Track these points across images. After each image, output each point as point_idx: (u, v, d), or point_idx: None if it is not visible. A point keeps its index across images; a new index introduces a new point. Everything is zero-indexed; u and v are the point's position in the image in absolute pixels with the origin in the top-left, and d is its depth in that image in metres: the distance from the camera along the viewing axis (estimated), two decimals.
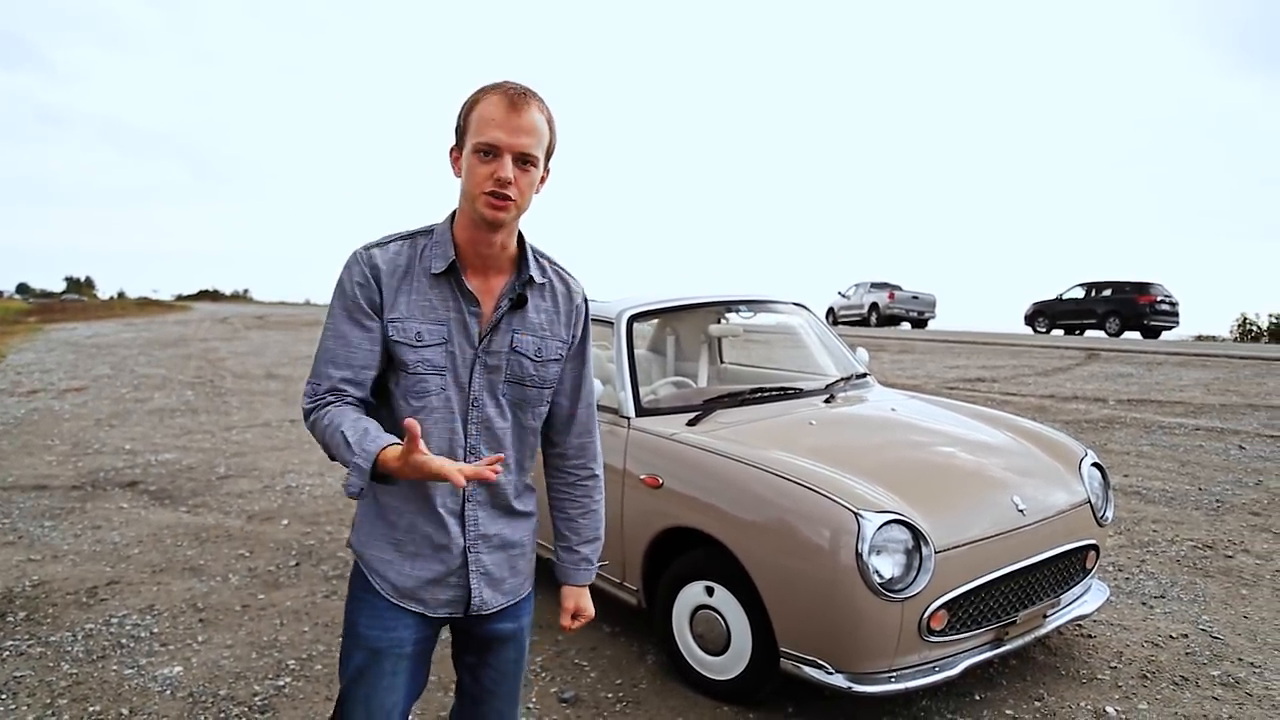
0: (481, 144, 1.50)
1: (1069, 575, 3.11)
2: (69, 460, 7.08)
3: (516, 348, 1.64)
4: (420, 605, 1.67)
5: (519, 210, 1.56)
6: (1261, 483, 5.96)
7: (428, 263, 1.59)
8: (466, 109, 1.54)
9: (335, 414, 1.53)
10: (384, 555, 1.66)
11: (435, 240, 1.61)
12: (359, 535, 1.71)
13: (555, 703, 3.08)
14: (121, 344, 18.41)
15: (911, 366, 13.05)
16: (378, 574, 1.67)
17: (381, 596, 1.67)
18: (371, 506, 1.67)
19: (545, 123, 1.55)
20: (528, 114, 1.51)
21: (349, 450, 1.45)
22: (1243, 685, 3.15)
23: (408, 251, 1.60)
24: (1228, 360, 12.68)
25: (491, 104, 1.51)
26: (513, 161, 1.50)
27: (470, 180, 1.53)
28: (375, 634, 1.66)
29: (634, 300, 3.88)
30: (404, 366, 1.59)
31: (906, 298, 25.82)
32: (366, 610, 1.68)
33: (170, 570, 4.45)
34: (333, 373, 1.58)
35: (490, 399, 1.64)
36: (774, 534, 2.78)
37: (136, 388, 11.48)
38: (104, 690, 3.17)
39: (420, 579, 1.66)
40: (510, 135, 1.49)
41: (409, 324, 1.58)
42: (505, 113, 1.50)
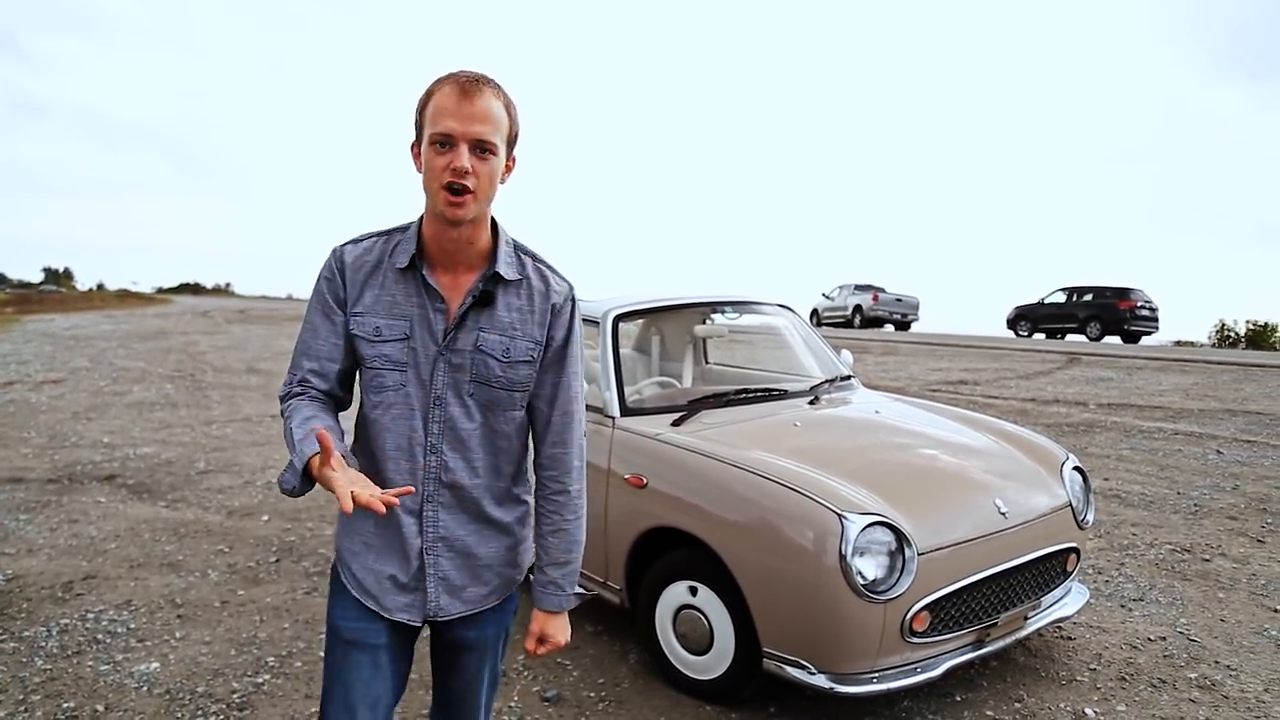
0: (436, 134, 1.46)
1: (1050, 578, 3.13)
2: (45, 453, 7.00)
3: (481, 347, 1.58)
4: (376, 603, 1.65)
5: (479, 202, 1.50)
6: (1239, 487, 6.01)
7: (395, 259, 1.58)
8: (422, 103, 1.51)
9: (295, 407, 1.57)
10: (354, 548, 1.67)
11: (406, 236, 1.60)
12: (339, 529, 1.72)
13: (537, 702, 3.07)
14: (100, 336, 18.24)
15: (895, 369, 13.10)
16: (347, 567, 1.68)
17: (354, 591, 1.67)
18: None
19: (503, 109, 1.50)
20: (481, 100, 1.46)
21: (290, 448, 1.50)
22: (1219, 687, 3.17)
23: (380, 248, 1.60)
24: (1206, 366, 12.80)
25: (444, 94, 1.47)
26: (469, 150, 1.46)
27: (428, 173, 1.49)
28: (351, 626, 1.65)
29: (619, 300, 3.87)
30: (363, 360, 1.60)
31: (890, 300, 25.92)
32: (341, 603, 1.68)
33: (148, 565, 4.41)
34: (304, 363, 1.61)
35: (455, 398, 1.59)
36: (758, 534, 2.78)
37: (115, 380, 11.37)
38: (78, 687, 3.13)
39: (380, 575, 1.64)
40: (464, 123, 1.45)
41: (369, 319, 1.58)
42: (458, 101, 1.46)
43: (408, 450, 1.59)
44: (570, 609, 1.77)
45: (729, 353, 5.01)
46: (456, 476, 1.61)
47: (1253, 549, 4.74)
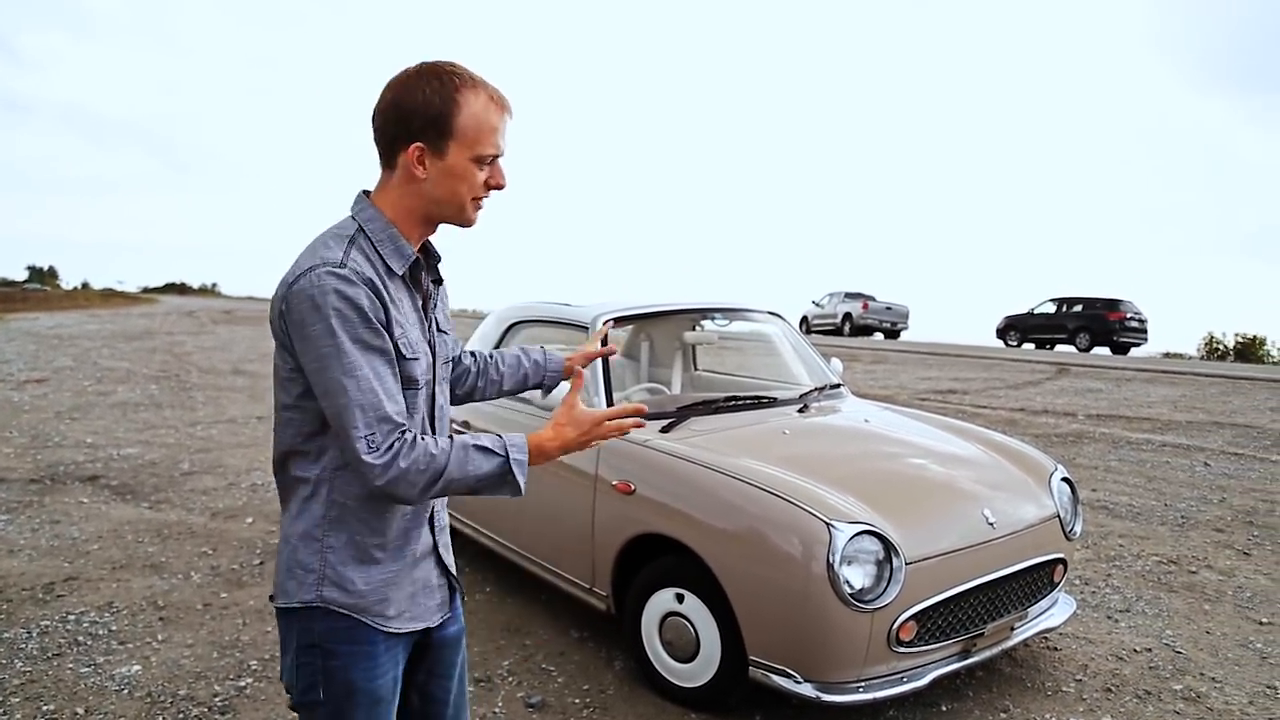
0: (488, 153, 1.44)
1: (1037, 588, 3.13)
2: (27, 453, 6.94)
3: (441, 326, 1.61)
4: (421, 621, 1.58)
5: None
6: (1225, 500, 6.04)
7: (383, 264, 1.44)
8: (448, 105, 1.40)
9: (429, 443, 1.40)
10: (382, 592, 1.50)
11: (378, 238, 1.45)
12: (346, 588, 1.47)
13: (522, 708, 3.05)
14: (85, 336, 18.13)
15: (884, 377, 13.13)
16: (377, 614, 1.49)
17: (377, 640, 1.50)
18: (350, 552, 1.47)
19: None
20: (510, 118, 1.48)
21: (491, 457, 1.42)
22: (1204, 700, 3.18)
23: (364, 258, 1.42)
24: (1195, 378, 12.88)
25: (490, 111, 1.43)
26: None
27: (464, 186, 1.44)
28: (378, 684, 1.52)
29: (609, 305, 3.86)
30: (414, 383, 1.46)
31: (880, 308, 25.99)
32: (363, 662, 1.50)
33: (130, 567, 4.37)
34: (390, 414, 1.37)
35: (441, 391, 1.60)
36: (745, 542, 2.77)
37: (99, 380, 11.30)
38: (59, 689, 3.10)
39: (415, 595, 1.56)
40: (506, 141, 1.46)
41: (410, 334, 1.46)
42: (504, 119, 1.45)
43: None
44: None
45: (719, 359, 5.01)
46: None
47: (1239, 561, 4.76)
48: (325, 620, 1.47)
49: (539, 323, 4.16)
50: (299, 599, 1.47)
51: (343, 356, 1.34)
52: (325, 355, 1.34)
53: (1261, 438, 8.16)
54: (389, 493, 1.38)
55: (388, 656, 1.53)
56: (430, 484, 1.38)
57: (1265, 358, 23.64)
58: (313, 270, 1.36)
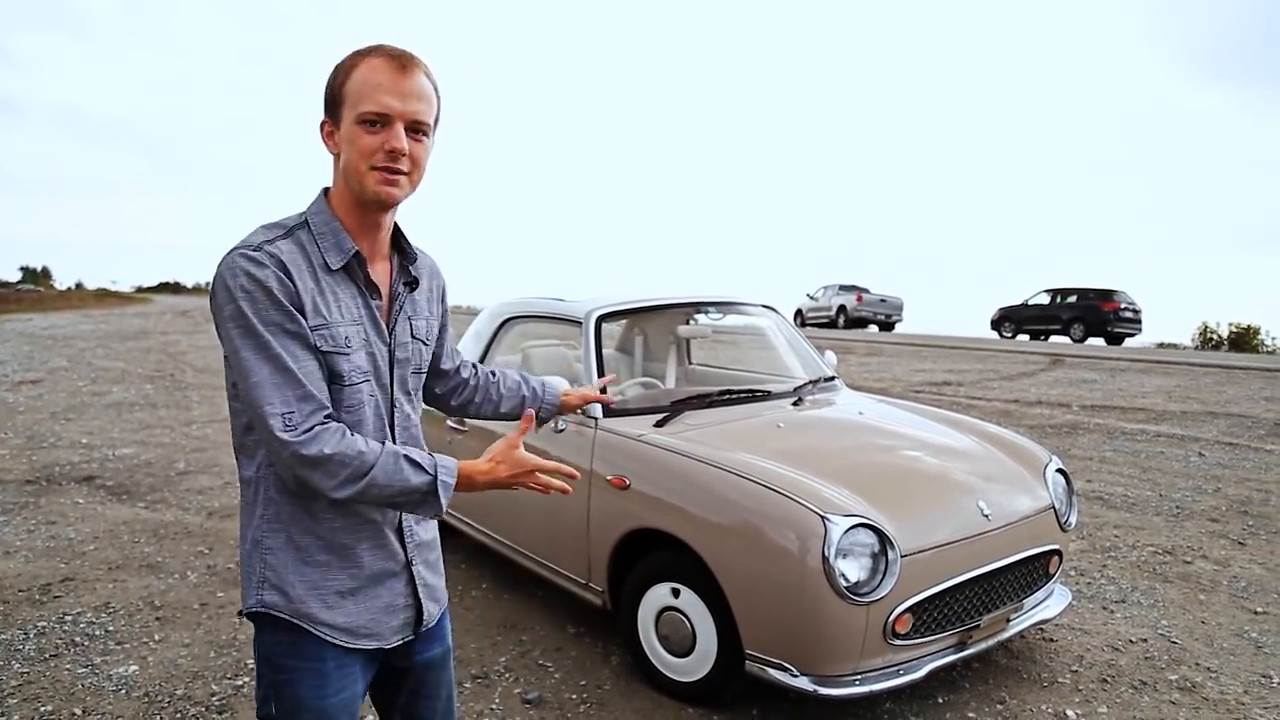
0: (369, 113, 1.33)
1: (1032, 580, 3.13)
2: (23, 454, 6.93)
3: (416, 334, 1.54)
4: (376, 640, 1.50)
5: (412, 185, 1.41)
6: (1220, 490, 6.06)
7: (320, 257, 1.39)
8: (342, 74, 1.37)
9: (359, 440, 1.35)
10: (327, 600, 1.44)
11: (319, 231, 1.41)
12: (286, 592, 1.42)
13: (519, 704, 3.06)
14: (79, 336, 18.08)
15: (878, 369, 13.14)
16: (324, 624, 1.44)
17: (326, 657, 1.45)
18: (289, 554, 1.43)
19: (432, 88, 1.40)
20: (417, 76, 1.36)
21: (419, 471, 1.36)
22: (1199, 689, 3.19)
23: (296, 248, 1.38)
24: (1189, 368, 12.90)
25: (375, 68, 1.34)
26: (405, 131, 1.36)
27: (356, 154, 1.35)
28: (328, 703, 1.46)
29: (602, 300, 3.86)
30: (340, 379, 1.39)
31: (874, 300, 26.01)
32: (311, 679, 1.45)
33: (127, 567, 4.36)
34: (312, 392, 1.33)
35: (404, 396, 1.52)
36: (740, 536, 2.77)
37: (94, 381, 11.27)
38: (56, 690, 3.09)
39: (372, 609, 1.49)
40: (402, 101, 1.34)
41: (335, 329, 1.38)
42: (393, 76, 1.34)
43: None
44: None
45: (713, 353, 5.01)
46: None
47: (1234, 551, 4.77)
48: (274, 632, 1.45)
49: (533, 318, 4.16)
50: (246, 604, 1.46)
51: (255, 337, 1.31)
52: (236, 336, 1.31)
53: (1256, 427, 8.18)
54: (303, 478, 1.32)
55: (340, 674, 1.47)
56: (351, 480, 1.32)
57: (1259, 347, 23.70)
58: (230, 253, 1.34)
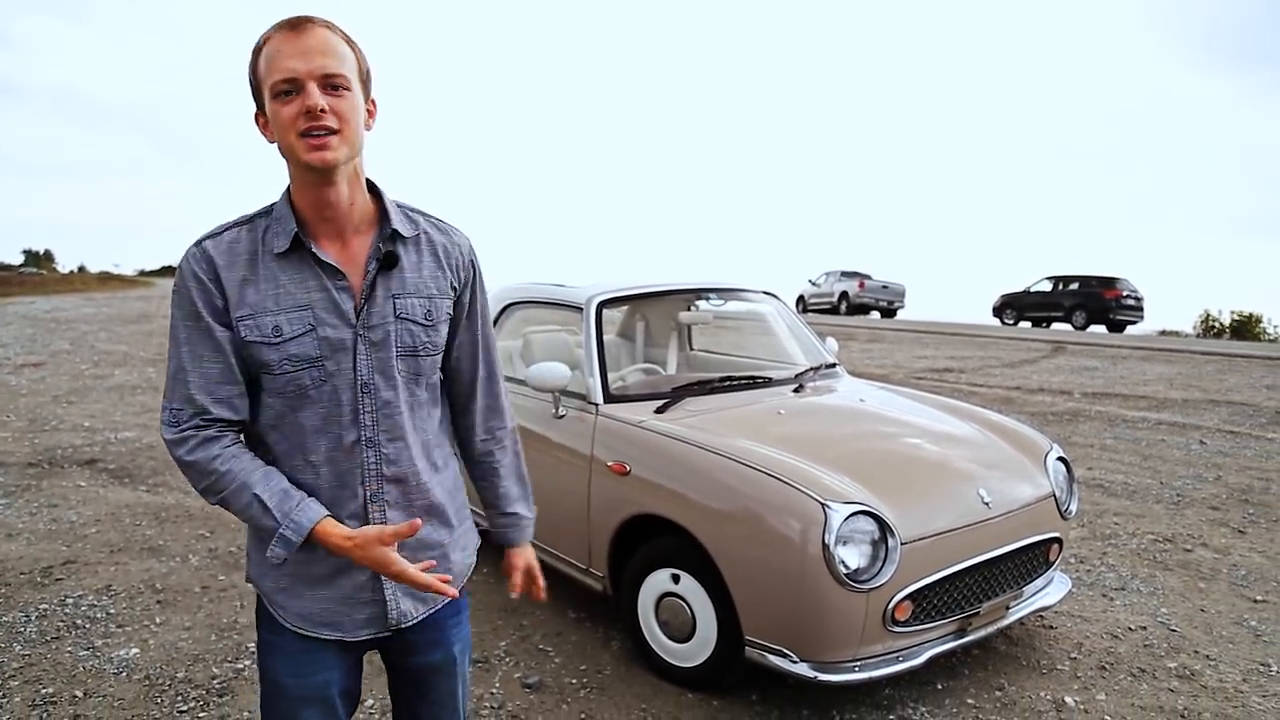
0: (277, 82, 1.31)
1: (1032, 567, 3.14)
2: (25, 437, 6.94)
3: (401, 314, 1.44)
4: (337, 630, 1.47)
5: (347, 144, 1.34)
6: (1221, 478, 6.06)
7: (270, 244, 1.38)
8: (253, 63, 1.35)
9: (229, 461, 1.36)
10: (280, 584, 1.45)
11: (275, 217, 1.40)
12: (254, 565, 1.49)
13: (519, 688, 3.07)
14: (82, 319, 18.09)
15: (880, 356, 13.13)
16: (280, 606, 1.46)
17: (294, 638, 1.46)
18: (252, 530, 1.47)
19: (342, 42, 1.35)
20: (315, 34, 1.32)
21: (267, 515, 1.35)
22: (1198, 677, 3.19)
23: (247, 237, 1.39)
24: (1190, 356, 12.89)
25: (273, 40, 1.32)
26: (319, 89, 1.31)
27: (280, 129, 1.32)
28: (295, 682, 1.47)
29: (604, 286, 3.85)
30: (268, 368, 1.37)
31: (876, 287, 25.97)
32: (279, 656, 1.48)
33: (128, 550, 4.37)
34: (195, 396, 1.36)
35: (385, 380, 1.43)
36: (740, 523, 2.77)
37: (96, 364, 11.28)
38: (57, 672, 3.10)
39: (329, 599, 1.46)
40: (304, 60, 1.30)
41: (263, 318, 1.36)
42: (290, 40, 1.31)
43: (341, 452, 1.42)
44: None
45: (714, 338, 5.00)
46: (400, 467, 1.46)
47: (1234, 539, 4.77)
48: (259, 603, 1.53)
49: (534, 304, 4.15)
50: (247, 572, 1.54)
51: (173, 331, 1.39)
52: (169, 328, 1.41)
53: (1257, 415, 8.18)
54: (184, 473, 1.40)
55: (307, 659, 1.47)
56: (209, 492, 1.38)
57: (1261, 335, 23.67)
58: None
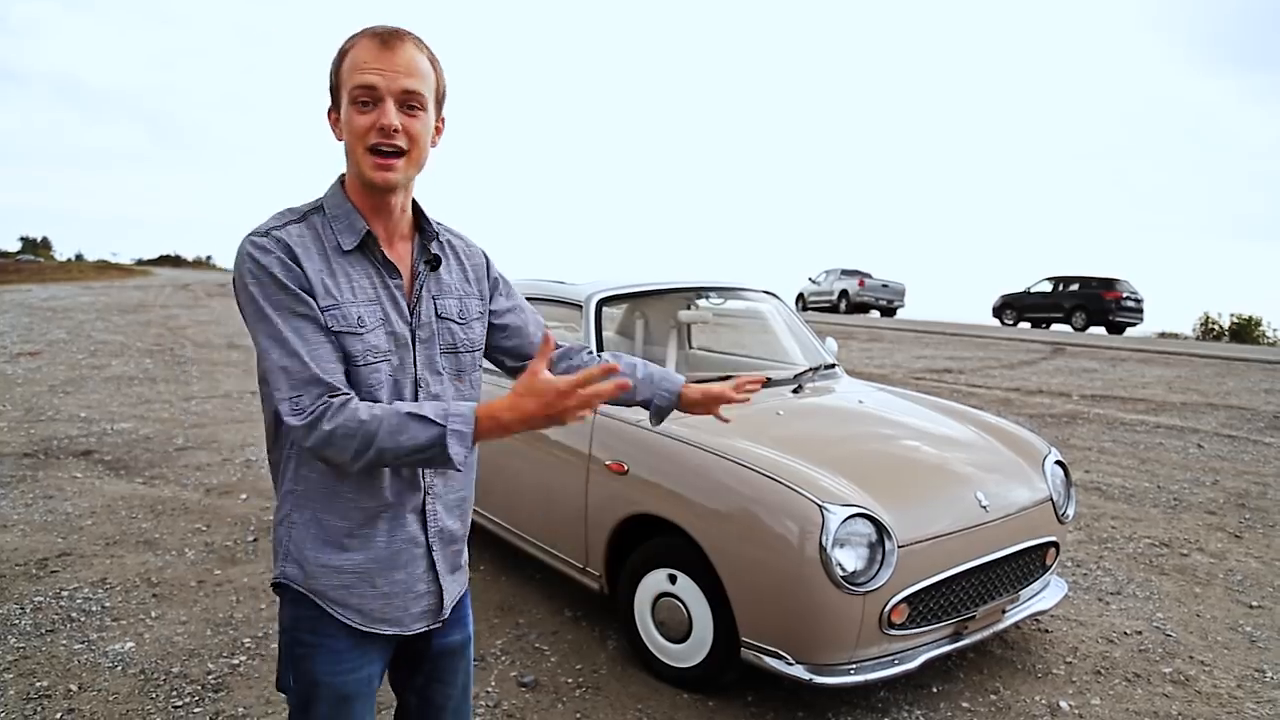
0: (357, 89, 1.34)
1: (1029, 571, 3.14)
2: (21, 427, 6.92)
3: (441, 313, 1.51)
4: (395, 626, 1.51)
5: (414, 165, 1.40)
6: (1218, 482, 6.06)
7: (334, 240, 1.41)
8: (336, 62, 1.39)
9: (369, 409, 1.33)
10: (345, 579, 1.46)
11: (333, 214, 1.43)
12: (303, 566, 1.46)
13: (515, 687, 3.06)
14: (79, 308, 18.05)
15: (880, 355, 13.13)
16: (339, 605, 1.46)
17: (342, 635, 1.48)
18: (311, 530, 1.46)
19: (428, 62, 1.40)
20: (403, 50, 1.36)
21: (429, 426, 1.31)
22: (1192, 683, 3.20)
23: (308, 231, 1.41)
24: (1190, 359, 12.89)
25: (362, 47, 1.36)
26: (396, 106, 1.35)
27: (351, 135, 1.37)
28: (341, 679, 1.49)
29: (603, 284, 3.84)
30: (352, 359, 1.39)
31: (876, 286, 25.96)
32: (325, 655, 1.48)
33: (124, 543, 4.36)
34: (319, 376, 1.33)
35: (433, 375, 1.49)
36: (738, 524, 2.77)
37: (93, 354, 11.26)
38: (52, 665, 3.10)
39: (391, 595, 1.49)
40: (388, 76, 1.34)
41: (347, 309, 1.39)
42: (378, 52, 1.35)
43: None
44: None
45: (714, 336, 4.99)
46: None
47: (1230, 544, 4.78)
48: (296, 607, 1.49)
49: (534, 301, 4.14)
50: (273, 576, 1.51)
51: (264, 321, 1.34)
52: (251, 320, 1.35)
53: (1255, 419, 8.18)
54: (322, 457, 1.35)
55: (357, 654, 1.49)
56: (361, 451, 1.31)
57: (1261, 338, 23.69)
58: (242, 240, 1.37)
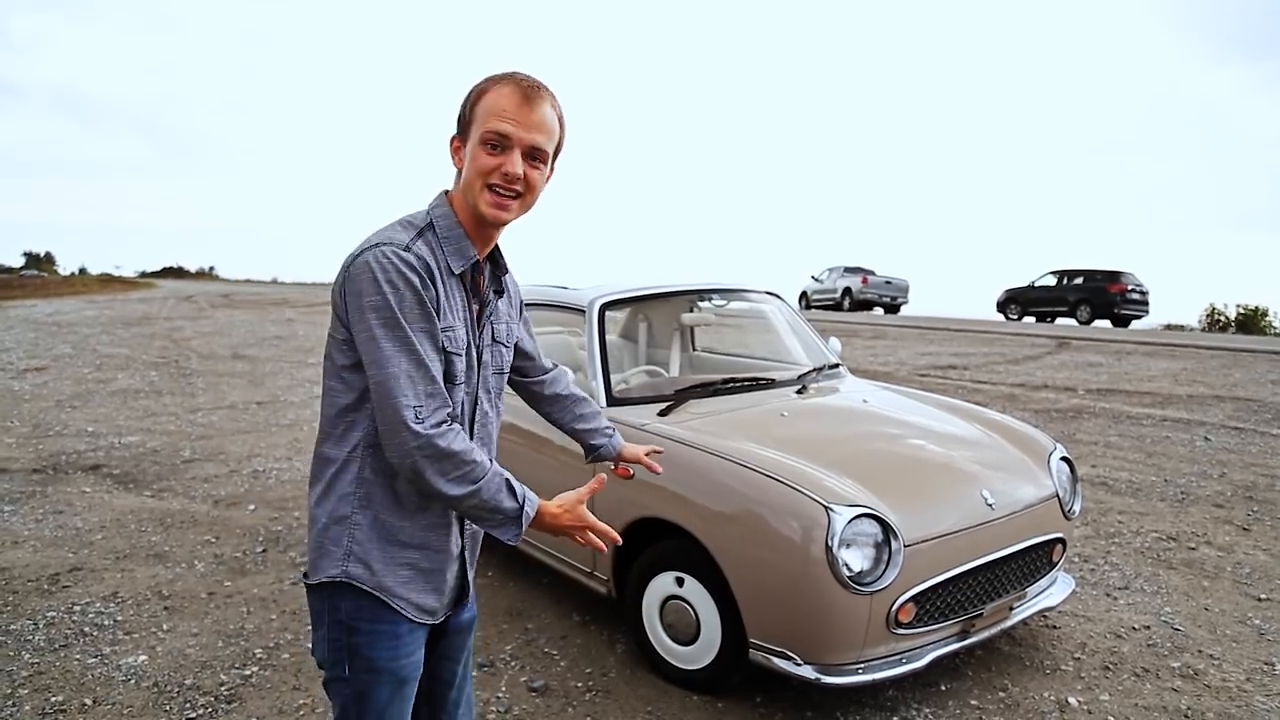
0: (491, 133, 1.43)
1: (1036, 568, 3.14)
2: (29, 442, 6.96)
3: (496, 337, 1.64)
4: (434, 617, 1.65)
5: (524, 208, 1.51)
6: (1225, 475, 6.05)
7: (444, 261, 1.50)
8: (474, 97, 1.47)
9: (474, 446, 1.46)
10: (403, 575, 1.56)
11: (444, 235, 1.51)
12: (369, 566, 1.53)
13: (525, 692, 3.08)
14: (83, 322, 18.12)
15: (884, 353, 13.12)
16: (401, 598, 1.55)
17: (401, 623, 1.57)
18: (375, 531, 1.53)
19: (557, 120, 1.49)
20: (541, 107, 1.45)
21: (512, 497, 1.48)
22: (1201, 677, 3.20)
23: (427, 249, 1.48)
24: (1195, 351, 12.86)
25: (504, 94, 1.44)
26: (523, 157, 1.45)
27: (474, 171, 1.46)
28: (401, 663, 1.58)
29: (606, 288, 3.86)
30: (451, 379, 1.50)
31: (880, 283, 25.93)
32: (387, 642, 1.56)
33: (134, 556, 4.39)
34: (439, 389, 1.44)
35: (484, 395, 1.62)
36: (744, 526, 2.78)
37: (99, 368, 11.30)
38: (66, 680, 3.12)
39: (436, 589, 1.62)
40: (523, 129, 1.43)
41: (457, 331, 1.50)
42: (519, 104, 1.43)
43: None
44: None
45: (717, 336, 5.00)
46: None
47: (1238, 537, 4.77)
48: (353, 599, 1.53)
49: (537, 306, 4.15)
50: (327, 574, 1.53)
51: (397, 329, 1.40)
52: (379, 326, 1.40)
53: (1262, 411, 8.17)
54: (415, 469, 1.41)
55: (412, 639, 1.59)
56: (461, 482, 1.43)
57: (1267, 329, 23.62)
58: (379, 247, 1.42)
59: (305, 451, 6.71)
